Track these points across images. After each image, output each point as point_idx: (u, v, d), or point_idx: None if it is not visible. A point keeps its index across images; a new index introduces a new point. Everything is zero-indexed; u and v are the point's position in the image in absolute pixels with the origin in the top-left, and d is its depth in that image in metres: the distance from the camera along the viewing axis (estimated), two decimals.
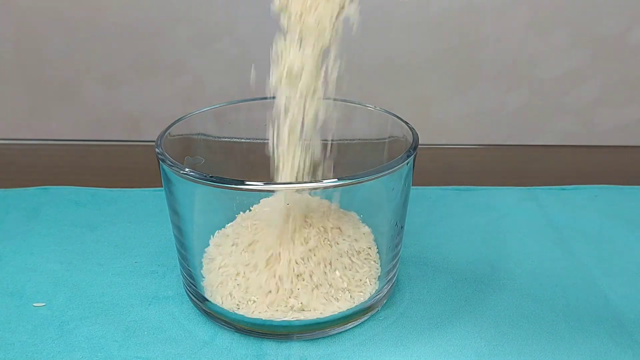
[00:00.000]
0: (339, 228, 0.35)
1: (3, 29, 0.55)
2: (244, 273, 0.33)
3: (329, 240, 0.34)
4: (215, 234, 0.37)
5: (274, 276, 0.33)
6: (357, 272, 0.34)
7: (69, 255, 0.41)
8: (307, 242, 0.33)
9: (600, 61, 0.57)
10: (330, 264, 0.33)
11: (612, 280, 0.39)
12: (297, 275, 0.33)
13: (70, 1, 0.54)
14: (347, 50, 0.33)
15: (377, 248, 0.35)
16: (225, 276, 0.34)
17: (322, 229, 0.34)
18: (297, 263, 0.33)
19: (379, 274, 0.35)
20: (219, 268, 0.34)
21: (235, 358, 0.32)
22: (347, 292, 0.33)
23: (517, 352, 0.33)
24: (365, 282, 0.34)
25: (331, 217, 0.35)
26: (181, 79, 0.58)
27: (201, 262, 0.35)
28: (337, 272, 0.33)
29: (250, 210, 0.36)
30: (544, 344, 0.33)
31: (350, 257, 0.34)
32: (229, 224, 0.37)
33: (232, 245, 0.35)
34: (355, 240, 0.35)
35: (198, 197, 0.33)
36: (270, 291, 0.32)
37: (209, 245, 0.36)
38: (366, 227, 0.36)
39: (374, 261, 0.35)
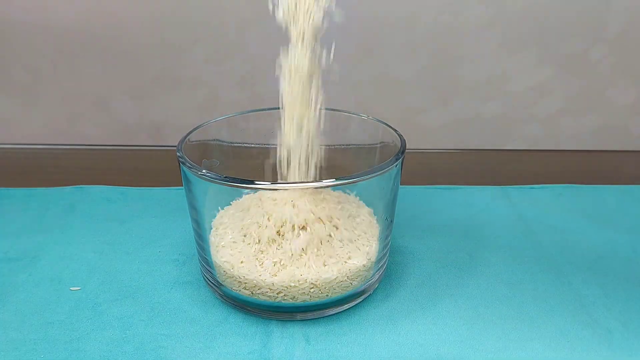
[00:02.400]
0: (340, 223, 0.34)
1: (44, 49, 0.55)
2: (253, 262, 0.33)
3: (330, 233, 0.34)
4: (222, 225, 0.36)
5: (278, 264, 0.32)
6: (354, 260, 0.34)
7: (101, 245, 0.41)
8: (307, 234, 0.33)
9: (563, 76, 0.57)
10: (330, 253, 0.33)
11: (574, 267, 0.39)
12: (296, 263, 0.32)
13: (102, 24, 0.54)
14: (344, 68, 0.32)
15: (378, 240, 0.35)
16: (236, 264, 0.34)
17: (323, 223, 0.34)
18: (292, 255, 0.32)
19: (372, 262, 0.35)
20: (230, 258, 0.34)
21: (245, 335, 0.32)
22: (345, 278, 0.33)
23: (491, 330, 0.33)
24: (360, 269, 0.34)
25: (334, 216, 0.35)
26: (198, 92, 0.57)
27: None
28: (337, 260, 0.33)
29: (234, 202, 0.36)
30: (515, 323, 0.33)
31: (347, 247, 0.34)
32: (223, 214, 0.37)
33: (243, 236, 0.35)
34: (355, 233, 0.35)
35: (213, 194, 0.33)
36: (275, 275, 0.32)
37: (220, 237, 0.36)
38: (365, 221, 0.36)
39: (368, 253, 0.35)
